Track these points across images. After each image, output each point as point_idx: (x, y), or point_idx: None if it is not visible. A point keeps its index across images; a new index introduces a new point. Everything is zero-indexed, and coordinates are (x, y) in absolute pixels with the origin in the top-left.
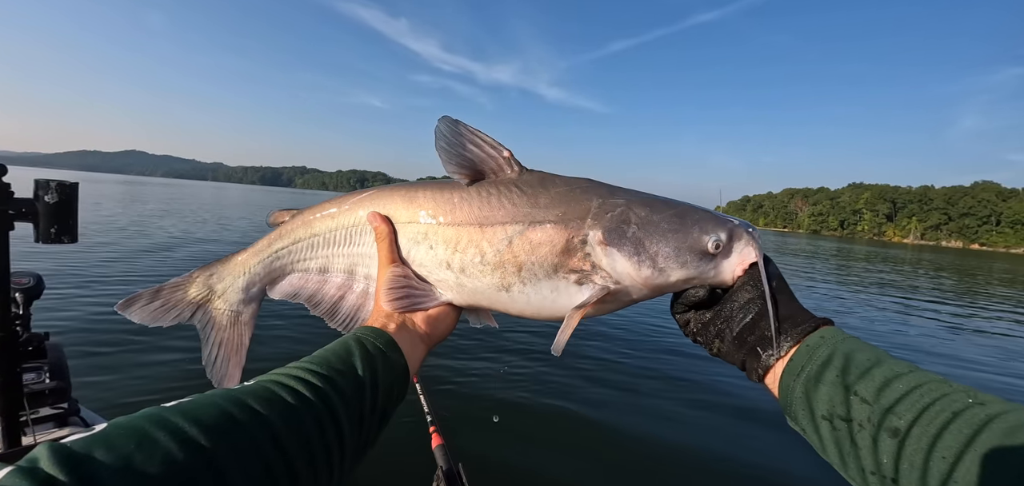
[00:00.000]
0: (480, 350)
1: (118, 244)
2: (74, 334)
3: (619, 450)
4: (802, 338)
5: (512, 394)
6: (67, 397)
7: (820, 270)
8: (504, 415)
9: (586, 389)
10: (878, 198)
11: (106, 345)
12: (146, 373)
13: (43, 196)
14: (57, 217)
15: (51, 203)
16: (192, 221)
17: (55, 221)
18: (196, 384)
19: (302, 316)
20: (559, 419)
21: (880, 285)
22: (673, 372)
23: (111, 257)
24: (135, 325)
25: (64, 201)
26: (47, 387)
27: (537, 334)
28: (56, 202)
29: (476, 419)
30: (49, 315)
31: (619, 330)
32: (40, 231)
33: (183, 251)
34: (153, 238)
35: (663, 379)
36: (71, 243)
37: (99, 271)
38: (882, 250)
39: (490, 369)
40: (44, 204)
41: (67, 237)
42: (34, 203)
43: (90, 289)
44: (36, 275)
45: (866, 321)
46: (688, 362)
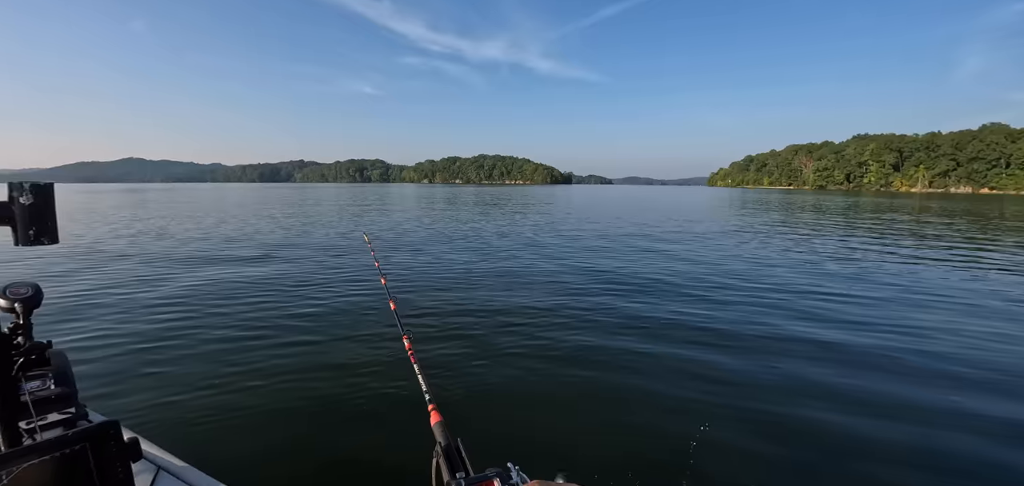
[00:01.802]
0: (476, 329)
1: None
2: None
3: (620, 422)
4: None
5: (508, 372)
6: (74, 402)
7: (834, 225)
8: (501, 393)
9: (582, 362)
10: (884, 148)
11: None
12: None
13: (18, 198)
14: (34, 219)
15: (27, 205)
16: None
17: (33, 223)
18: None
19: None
20: (556, 394)
21: (895, 235)
22: (676, 349)
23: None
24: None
25: (40, 202)
26: (53, 393)
27: (530, 314)
28: (31, 204)
29: (473, 397)
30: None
31: (627, 308)
32: (19, 234)
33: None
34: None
35: (668, 358)
36: (52, 244)
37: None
38: (889, 200)
39: (487, 349)
40: (20, 206)
41: (47, 238)
42: (10, 206)
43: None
44: (34, 285)
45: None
46: (682, 345)
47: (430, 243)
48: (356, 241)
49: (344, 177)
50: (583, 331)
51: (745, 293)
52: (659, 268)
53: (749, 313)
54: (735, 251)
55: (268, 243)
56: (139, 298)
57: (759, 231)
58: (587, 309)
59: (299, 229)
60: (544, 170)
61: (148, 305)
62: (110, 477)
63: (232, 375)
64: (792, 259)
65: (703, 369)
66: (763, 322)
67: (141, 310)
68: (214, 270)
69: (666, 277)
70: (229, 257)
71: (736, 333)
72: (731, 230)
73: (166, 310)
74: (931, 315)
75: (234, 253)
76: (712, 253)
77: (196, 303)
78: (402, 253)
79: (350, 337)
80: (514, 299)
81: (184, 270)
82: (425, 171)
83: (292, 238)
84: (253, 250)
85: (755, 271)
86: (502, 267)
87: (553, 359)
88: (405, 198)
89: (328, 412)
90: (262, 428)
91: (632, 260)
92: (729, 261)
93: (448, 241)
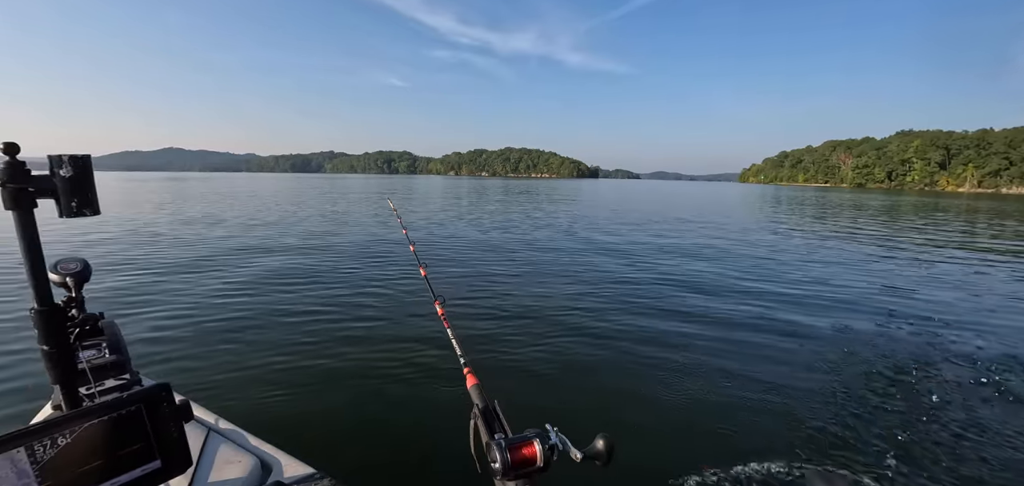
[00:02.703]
0: (508, 303)
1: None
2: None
3: (648, 393)
4: None
5: (541, 342)
6: (127, 369)
7: (871, 226)
8: (535, 361)
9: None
10: (929, 145)
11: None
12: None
13: (58, 171)
14: (76, 191)
15: (67, 177)
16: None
17: (75, 195)
18: (239, 349)
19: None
20: (591, 366)
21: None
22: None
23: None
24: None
25: (79, 174)
26: (107, 361)
27: (558, 296)
28: (72, 176)
29: (506, 364)
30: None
31: (647, 285)
32: (62, 206)
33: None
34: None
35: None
36: (93, 215)
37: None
38: (934, 199)
39: (520, 322)
40: (61, 178)
41: (89, 210)
42: (51, 178)
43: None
44: (83, 260)
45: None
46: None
47: (461, 228)
48: (388, 224)
49: (372, 168)
50: (624, 313)
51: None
52: (697, 261)
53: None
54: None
55: (307, 228)
56: (188, 275)
57: (813, 230)
58: (629, 295)
59: (336, 213)
60: (570, 164)
61: (197, 282)
62: (164, 436)
63: (271, 344)
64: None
65: (746, 356)
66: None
67: (190, 286)
68: (256, 249)
69: (705, 269)
70: (271, 236)
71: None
72: (776, 227)
73: (212, 286)
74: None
75: (275, 234)
76: (758, 250)
77: (239, 280)
78: (436, 239)
79: (384, 303)
80: (546, 280)
81: (227, 250)
82: (451, 163)
83: (329, 222)
84: (293, 234)
85: (814, 272)
86: (533, 251)
87: (588, 334)
88: (432, 189)
89: (365, 376)
90: (302, 392)
91: (669, 252)
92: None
93: (479, 227)
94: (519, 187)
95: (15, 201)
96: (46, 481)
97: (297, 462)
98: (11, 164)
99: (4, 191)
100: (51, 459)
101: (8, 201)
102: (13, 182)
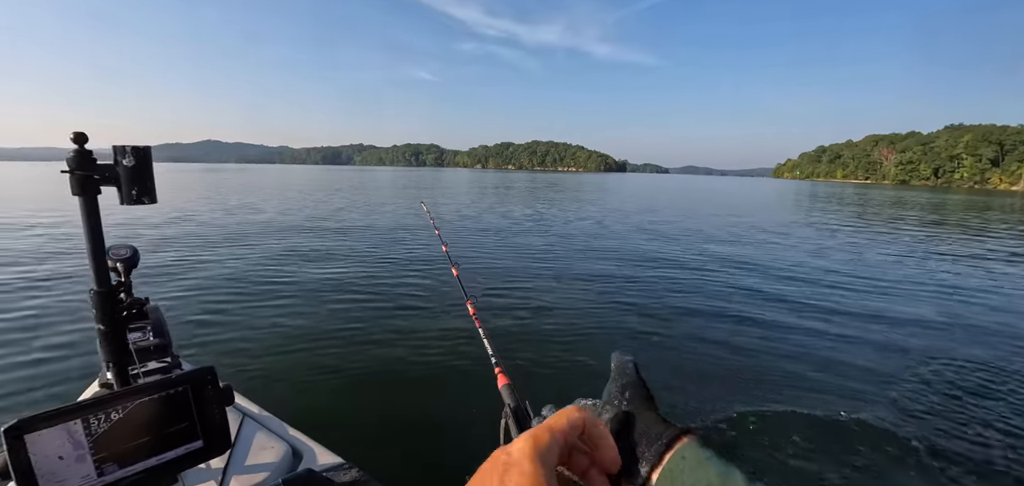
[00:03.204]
0: (540, 301)
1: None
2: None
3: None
4: (660, 460)
5: (572, 343)
6: (169, 353)
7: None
8: (567, 362)
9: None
10: (981, 140)
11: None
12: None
13: (121, 160)
14: (136, 180)
15: (129, 166)
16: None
17: (135, 184)
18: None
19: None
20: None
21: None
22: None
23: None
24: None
25: (140, 164)
26: (151, 344)
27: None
28: (133, 165)
29: (538, 364)
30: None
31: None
32: (123, 194)
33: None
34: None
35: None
36: (151, 203)
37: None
38: (986, 198)
39: (552, 320)
40: (123, 168)
41: (147, 198)
42: (115, 167)
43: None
44: (132, 247)
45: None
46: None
47: (491, 225)
48: (420, 219)
49: (400, 161)
50: (662, 316)
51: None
52: (743, 259)
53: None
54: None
55: (340, 218)
56: (226, 263)
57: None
58: (667, 297)
59: (367, 206)
60: (598, 157)
61: (233, 270)
62: (207, 417)
63: (305, 336)
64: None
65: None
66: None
67: (227, 274)
68: (290, 240)
69: (755, 268)
70: (305, 229)
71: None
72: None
73: (247, 276)
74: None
75: (310, 225)
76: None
77: (273, 271)
78: (465, 231)
79: (416, 301)
80: (579, 279)
81: (263, 240)
82: (478, 156)
83: (361, 213)
84: (327, 224)
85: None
86: (565, 249)
87: (622, 337)
88: (459, 183)
89: (396, 371)
90: (333, 384)
91: (712, 250)
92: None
93: (510, 223)
94: (547, 181)
95: (82, 187)
96: (99, 453)
97: (327, 451)
98: (80, 153)
99: (72, 178)
100: (104, 432)
101: (75, 187)
102: (81, 169)
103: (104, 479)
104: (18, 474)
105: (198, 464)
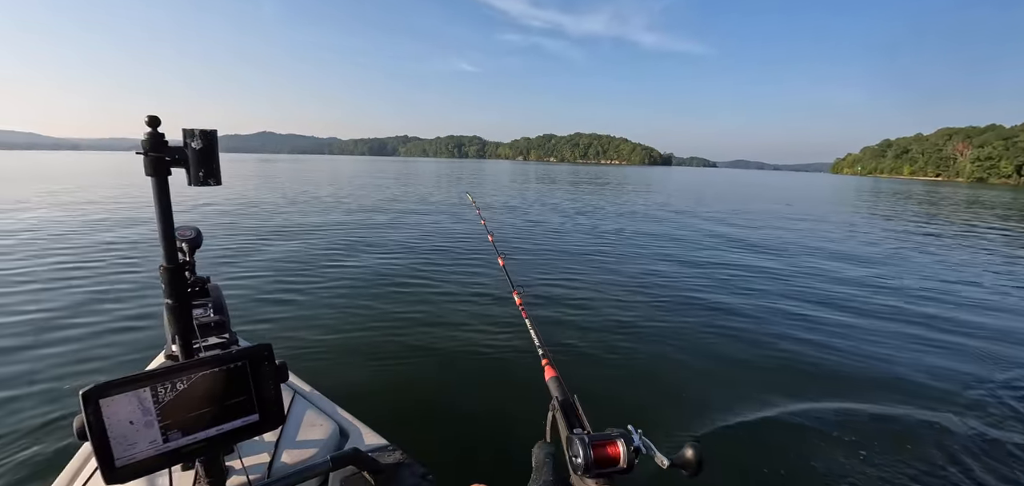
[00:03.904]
0: (587, 295)
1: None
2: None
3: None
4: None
5: (622, 338)
6: (228, 329)
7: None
8: (615, 357)
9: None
10: None
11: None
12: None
13: (190, 143)
14: (203, 162)
15: (197, 149)
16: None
17: (202, 166)
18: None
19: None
20: (675, 368)
21: None
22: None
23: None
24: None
25: (207, 147)
26: (212, 320)
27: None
28: (201, 148)
29: (584, 358)
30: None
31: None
32: (191, 175)
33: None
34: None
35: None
36: (216, 185)
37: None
38: None
39: (600, 315)
40: (192, 150)
41: (213, 180)
42: (184, 149)
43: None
44: (197, 228)
45: None
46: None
47: (536, 216)
48: (466, 209)
49: (443, 152)
50: (710, 310)
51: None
52: (806, 260)
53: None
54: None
55: (389, 206)
56: (280, 247)
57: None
58: (725, 298)
59: (415, 195)
60: (642, 150)
61: (288, 253)
62: (263, 392)
63: (353, 319)
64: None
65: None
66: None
67: (282, 257)
68: (341, 227)
69: (822, 271)
70: (356, 217)
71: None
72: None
73: (301, 259)
74: None
75: (360, 213)
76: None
77: (324, 255)
78: (510, 222)
79: (462, 289)
80: (629, 275)
81: (316, 227)
82: (520, 148)
83: (410, 202)
84: (377, 212)
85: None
86: (614, 242)
87: (675, 337)
88: (501, 174)
89: (441, 359)
90: (379, 367)
91: (769, 248)
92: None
93: (555, 215)
94: (589, 174)
95: (154, 169)
96: (165, 420)
97: (372, 432)
98: (153, 135)
99: (146, 159)
100: (170, 401)
101: (149, 168)
102: (154, 151)
103: (169, 445)
104: (94, 436)
105: (253, 437)
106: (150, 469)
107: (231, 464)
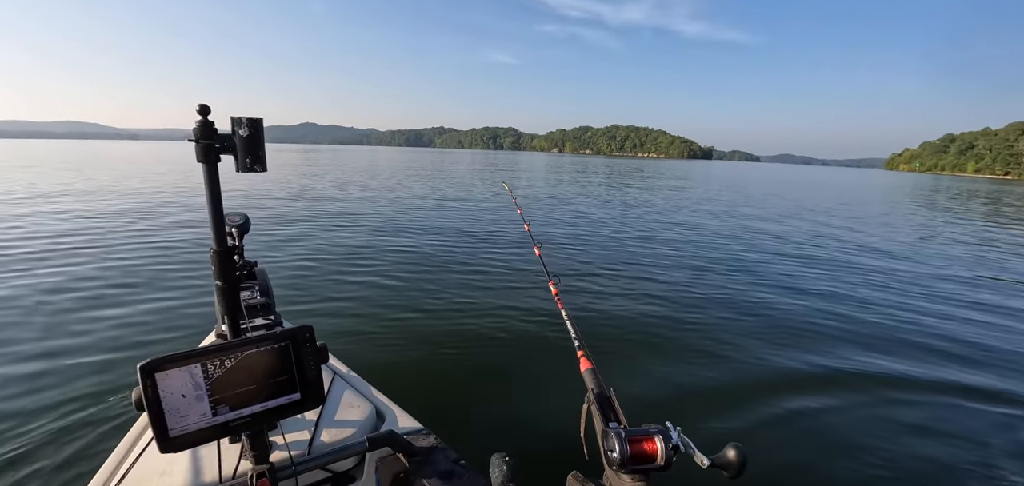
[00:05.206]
0: (623, 288)
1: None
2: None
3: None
4: None
5: (657, 333)
6: (273, 312)
7: None
8: (650, 352)
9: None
10: None
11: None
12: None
13: (238, 131)
14: (249, 149)
15: (244, 136)
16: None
17: (249, 153)
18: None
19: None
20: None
21: None
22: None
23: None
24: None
25: (253, 134)
26: (258, 302)
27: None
28: (248, 135)
29: (620, 352)
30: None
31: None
32: (238, 162)
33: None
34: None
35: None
36: (262, 172)
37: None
38: None
39: (636, 310)
40: (239, 137)
41: (259, 166)
42: (232, 137)
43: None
44: (245, 215)
45: None
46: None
47: (573, 208)
48: (502, 199)
49: (478, 144)
50: (757, 314)
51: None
52: (857, 263)
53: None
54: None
55: (428, 195)
56: (324, 234)
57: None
58: (767, 298)
59: (452, 185)
60: (681, 144)
61: (331, 240)
62: (305, 372)
63: (391, 304)
64: None
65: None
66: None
67: (325, 243)
68: (381, 215)
69: (872, 277)
70: (395, 205)
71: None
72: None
73: (344, 245)
74: None
75: (400, 202)
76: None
77: (365, 243)
78: (546, 213)
79: (498, 279)
80: (668, 269)
81: (357, 215)
82: (555, 140)
83: (447, 192)
84: (416, 201)
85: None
86: (651, 237)
87: (715, 336)
88: (536, 166)
89: (477, 347)
90: (415, 352)
91: (816, 249)
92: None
93: (592, 208)
94: (626, 167)
95: (205, 155)
96: (214, 395)
97: (407, 416)
98: (204, 123)
99: (197, 146)
100: (219, 377)
101: (200, 154)
102: (205, 139)
103: (218, 419)
104: (150, 407)
105: (295, 415)
106: (200, 440)
107: (274, 439)
